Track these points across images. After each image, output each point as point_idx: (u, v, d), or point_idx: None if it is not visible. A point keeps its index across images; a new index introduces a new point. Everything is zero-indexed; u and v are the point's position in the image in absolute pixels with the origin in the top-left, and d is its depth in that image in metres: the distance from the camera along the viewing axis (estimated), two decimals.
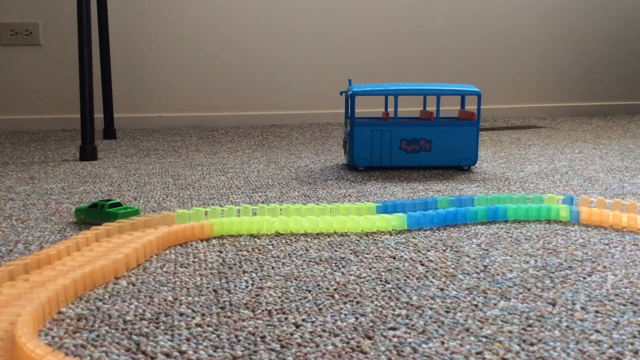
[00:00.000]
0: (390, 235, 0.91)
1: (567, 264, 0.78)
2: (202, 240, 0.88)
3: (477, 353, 0.55)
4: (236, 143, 1.90)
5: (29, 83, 2.24)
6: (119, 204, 0.97)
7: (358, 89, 1.40)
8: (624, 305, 0.65)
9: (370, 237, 0.90)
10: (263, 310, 0.64)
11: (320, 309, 0.64)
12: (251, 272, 0.76)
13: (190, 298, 0.67)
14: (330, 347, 0.56)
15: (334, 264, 0.78)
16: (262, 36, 2.39)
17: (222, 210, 0.96)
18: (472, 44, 2.60)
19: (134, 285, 0.71)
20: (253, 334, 0.59)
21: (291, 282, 0.72)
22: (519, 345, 0.56)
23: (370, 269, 0.76)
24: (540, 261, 0.79)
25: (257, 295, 0.68)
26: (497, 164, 1.50)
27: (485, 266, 0.78)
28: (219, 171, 1.42)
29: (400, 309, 0.64)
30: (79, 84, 1.61)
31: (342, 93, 1.47)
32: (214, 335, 0.58)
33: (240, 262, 0.79)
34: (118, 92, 2.13)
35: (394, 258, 0.81)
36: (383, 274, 0.75)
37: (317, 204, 1.06)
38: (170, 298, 0.67)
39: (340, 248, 0.85)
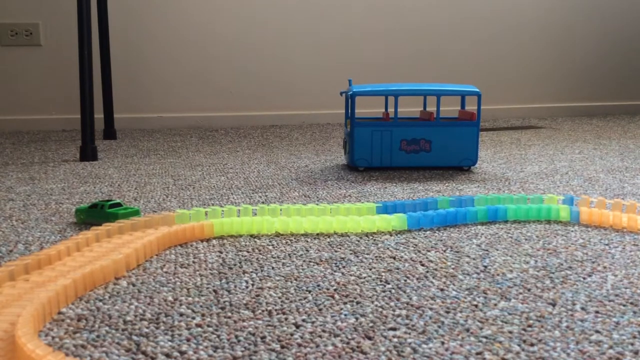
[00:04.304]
0: (391, 235, 0.91)
1: (567, 264, 0.78)
2: (202, 241, 0.88)
3: (477, 353, 0.55)
4: (236, 143, 1.90)
5: (29, 83, 2.24)
6: (119, 205, 0.98)
7: (358, 89, 1.40)
8: (624, 305, 0.65)
9: (371, 237, 0.90)
10: (263, 311, 0.64)
11: (320, 309, 0.64)
12: (251, 272, 0.76)
13: (190, 298, 0.67)
14: (330, 348, 0.56)
15: (334, 264, 0.78)
16: (262, 36, 2.39)
17: (222, 211, 0.96)
18: (472, 44, 2.60)
19: (134, 285, 0.71)
20: (253, 334, 0.59)
21: (291, 282, 0.72)
22: (519, 345, 0.56)
23: (370, 269, 0.76)
24: (540, 261, 0.79)
25: (257, 296, 0.68)
26: (497, 164, 1.50)
27: (486, 266, 0.78)
28: (219, 171, 1.42)
29: (400, 309, 0.64)
30: (79, 84, 1.61)
31: (342, 93, 1.47)
32: (214, 336, 0.58)
33: (240, 263, 0.79)
34: (118, 93, 2.13)
35: (394, 258, 0.81)
36: (383, 274, 0.75)
37: (317, 204, 1.06)
38: (170, 298, 0.67)
39: (340, 248, 0.85)
